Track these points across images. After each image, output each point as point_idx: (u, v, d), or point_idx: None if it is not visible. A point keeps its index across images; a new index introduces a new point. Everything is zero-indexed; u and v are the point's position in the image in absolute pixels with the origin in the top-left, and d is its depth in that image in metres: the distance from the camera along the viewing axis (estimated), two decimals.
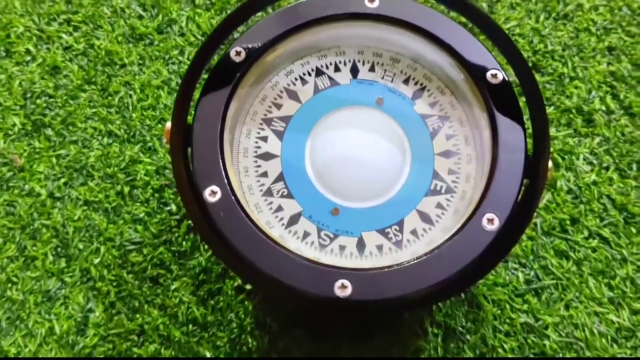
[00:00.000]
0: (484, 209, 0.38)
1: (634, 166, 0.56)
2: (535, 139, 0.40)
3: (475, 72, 0.41)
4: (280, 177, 0.42)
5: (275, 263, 0.37)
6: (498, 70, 0.41)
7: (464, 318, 0.52)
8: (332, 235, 0.41)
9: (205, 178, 0.39)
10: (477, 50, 0.42)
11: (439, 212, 0.41)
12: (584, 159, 0.56)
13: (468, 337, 0.51)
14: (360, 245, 0.41)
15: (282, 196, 0.42)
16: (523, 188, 0.40)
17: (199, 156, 0.39)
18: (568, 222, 0.54)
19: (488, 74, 0.41)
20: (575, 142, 0.57)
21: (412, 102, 0.44)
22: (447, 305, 0.52)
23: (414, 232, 0.41)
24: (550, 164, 0.40)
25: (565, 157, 0.56)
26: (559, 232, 0.54)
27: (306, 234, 0.41)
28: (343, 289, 0.36)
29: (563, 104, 0.58)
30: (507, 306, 0.52)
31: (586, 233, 0.54)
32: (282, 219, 0.41)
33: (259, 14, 0.44)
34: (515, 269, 0.53)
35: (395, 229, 0.41)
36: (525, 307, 0.52)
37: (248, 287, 0.52)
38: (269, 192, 0.42)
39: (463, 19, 0.47)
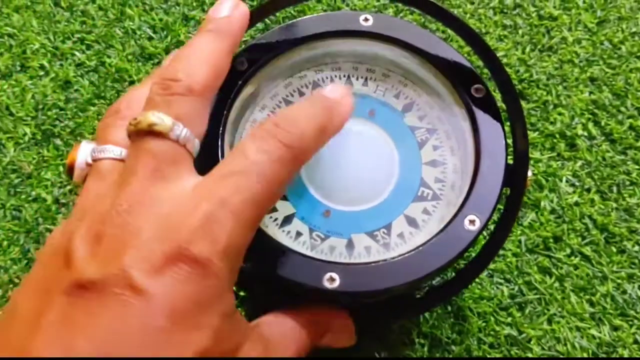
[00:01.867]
0: (466, 211, 0.40)
1: (615, 189, 0.59)
2: (514, 143, 0.43)
3: (461, 87, 0.44)
4: None
5: (268, 255, 0.39)
6: (481, 84, 0.44)
7: (450, 329, 0.53)
8: (323, 236, 0.43)
9: (204, 173, 0.41)
10: (463, 66, 0.45)
11: (425, 217, 0.44)
12: (567, 181, 0.59)
13: (453, 347, 0.52)
14: (350, 246, 0.43)
15: None
16: (504, 195, 0.42)
17: (200, 152, 0.42)
18: (551, 240, 0.56)
19: (472, 89, 0.44)
20: (559, 165, 0.60)
21: (402, 115, 0.47)
22: (434, 317, 0.54)
23: (400, 236, 0.43)
24: (529, 172, 0.43)
25: (549, 179, 0.59)
26: (542, 249, 0.56)
27: (299, 234, 0.43)
28: (331, 281, 0.38)
29: (547, 129, 0.61)
30: (492, 319, 0.53)
31: (568, 251, 0.56)
32: (276, 219, 0.44)
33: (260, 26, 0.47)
34: (500, 284, 0.55)
35: (384, 232, 0.43)
36: (509, 320, 0.53)
37: (242, 294, 0.54)
38: None
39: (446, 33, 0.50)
